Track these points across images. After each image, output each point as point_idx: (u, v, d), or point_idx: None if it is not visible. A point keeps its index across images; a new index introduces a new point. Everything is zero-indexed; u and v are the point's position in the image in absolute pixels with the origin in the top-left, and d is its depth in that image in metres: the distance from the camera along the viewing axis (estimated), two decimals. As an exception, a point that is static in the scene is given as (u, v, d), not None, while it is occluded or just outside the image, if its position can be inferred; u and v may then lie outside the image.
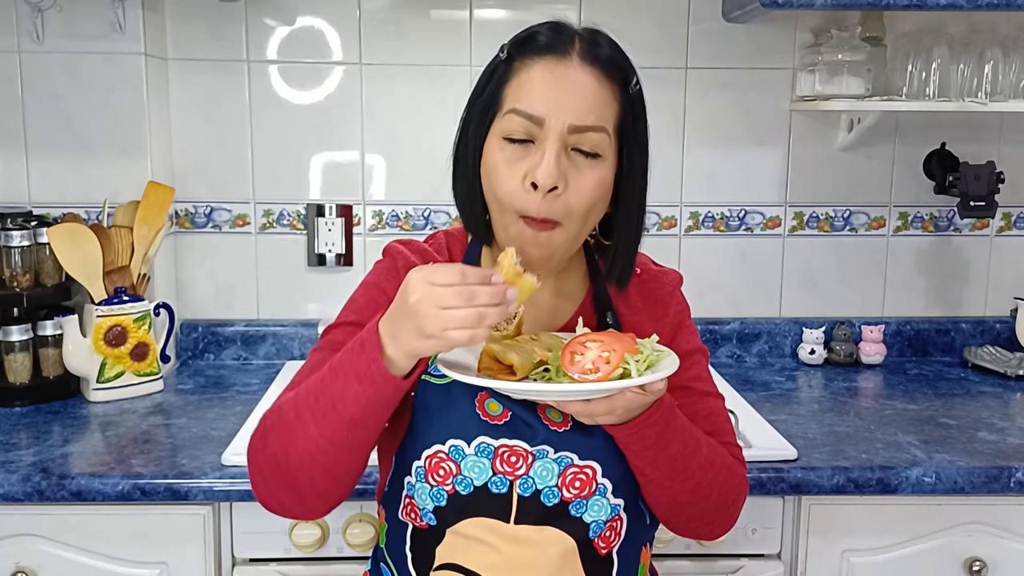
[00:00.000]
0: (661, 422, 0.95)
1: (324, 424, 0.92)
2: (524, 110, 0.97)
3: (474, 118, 1.02)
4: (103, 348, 1.73)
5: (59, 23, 1.82)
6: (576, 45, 0.98)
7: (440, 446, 1.00)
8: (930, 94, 1.89)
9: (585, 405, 0.91)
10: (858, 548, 1.48)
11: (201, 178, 2.00)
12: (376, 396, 0.90)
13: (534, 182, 0.96)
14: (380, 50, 1.99)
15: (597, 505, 1.00)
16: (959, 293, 2.14)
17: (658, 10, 1.99)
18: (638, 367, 0.91)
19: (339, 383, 0.91)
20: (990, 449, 1.51)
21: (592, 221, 1.03)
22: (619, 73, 1.00)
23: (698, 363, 1.12)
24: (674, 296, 1.13)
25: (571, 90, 0.97)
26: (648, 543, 1.11)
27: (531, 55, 0.99)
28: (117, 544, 1.42)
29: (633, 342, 0.94)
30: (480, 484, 0.99)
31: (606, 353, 0.91)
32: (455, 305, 0.84)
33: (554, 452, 1.00)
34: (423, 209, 2.04)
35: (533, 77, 0.98)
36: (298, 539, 1.41)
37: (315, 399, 0.93)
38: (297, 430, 0.94)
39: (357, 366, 0.90)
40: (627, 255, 1.07)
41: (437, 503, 1.00)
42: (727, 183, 2.07)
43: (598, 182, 0.99)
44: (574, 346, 0.93)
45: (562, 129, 0.96)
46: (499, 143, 0.99)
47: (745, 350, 2.10)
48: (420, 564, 1.03)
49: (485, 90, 1.02)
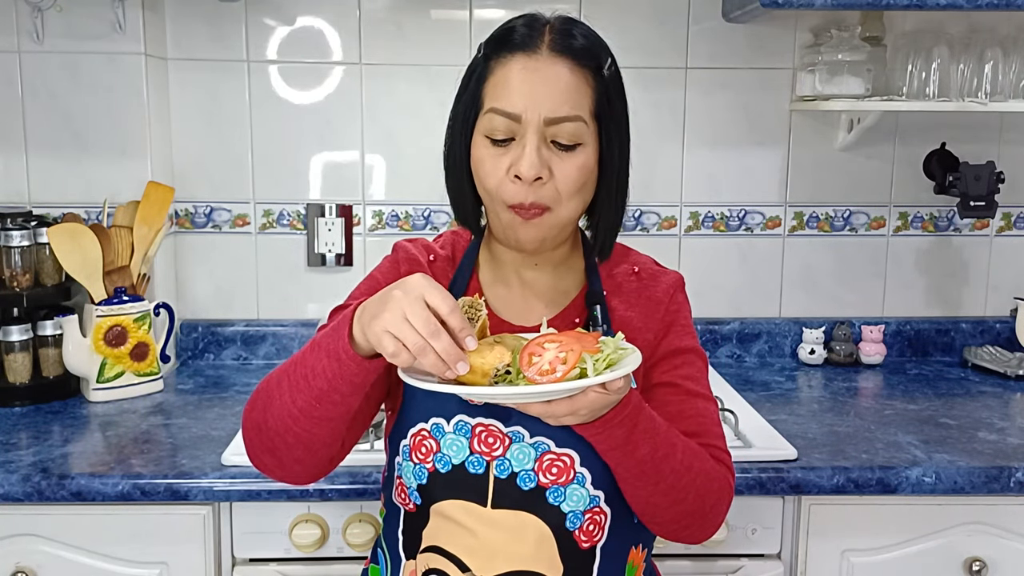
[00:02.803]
0: (628, 422, 0.95)
1: (296, 394, 0.95)
2: (501, 108, 1.00)
3: (459, 116, 1.06)
4: (103, 348, 1.73)
5: (59, 23, 1.82)
6: (546, 38, 1.01)
7: (423, 424, 1.03)
8: (930, 94, 1.89)
9: (547, 406, 0.91)
10: (858, 548, 1.48)
11: (201, 178, 2.00)
12: (340, 373, 0.92)
13: (518, 175, 1.00)
14: (380, 50, 1.99)
15: (576, 495, 1.01)
16: (959, 293, 2.14)
17: (658, 10, 1.99)
18: (596, 366, 0.89)
19: (313, 356, 0.95)
20: (990, 449, 1.51)
21: (580, 202, 1.05)
22: (590, 59, 1.02)
23: (691, 363, 1.11)
24: (668, 294, 1.13)
25: (543, 83, 0.99)
26: (640, 544, 1.10)
27: (505, 53, 1.02)
28: (117, 544, 1.42)
29: (595, 341, 0.92)
30: (458, 463, 1.01)
31: (563, 353, 0.89)
32: (416, 327, 0.86)
33: (530, 436, 1.01)
34: (423, 209, 2.04)
35: (508, 75, 1.01)
36: (298, 539, 1.41)
37: (294, 369, 0.97)
38: (275, 397, 0.98)
39: (328, 343, 0.94)
40: (608, 229, 1.10)
41: (419, 481, 1.03)
42: (727, 183, 2.07)
43: (581, 167, 1.02)
44: (532, 347, 0.92)
45: (538, 122, 0.99)
46: (483, 141, 1.03)
47: (745, 350, 2.10)
48: (409, 547, 1.06)
49: (467, 89, 1.06)
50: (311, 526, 1.41)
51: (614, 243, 1.12)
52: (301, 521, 1.41)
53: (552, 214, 1.03)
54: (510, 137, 1.01)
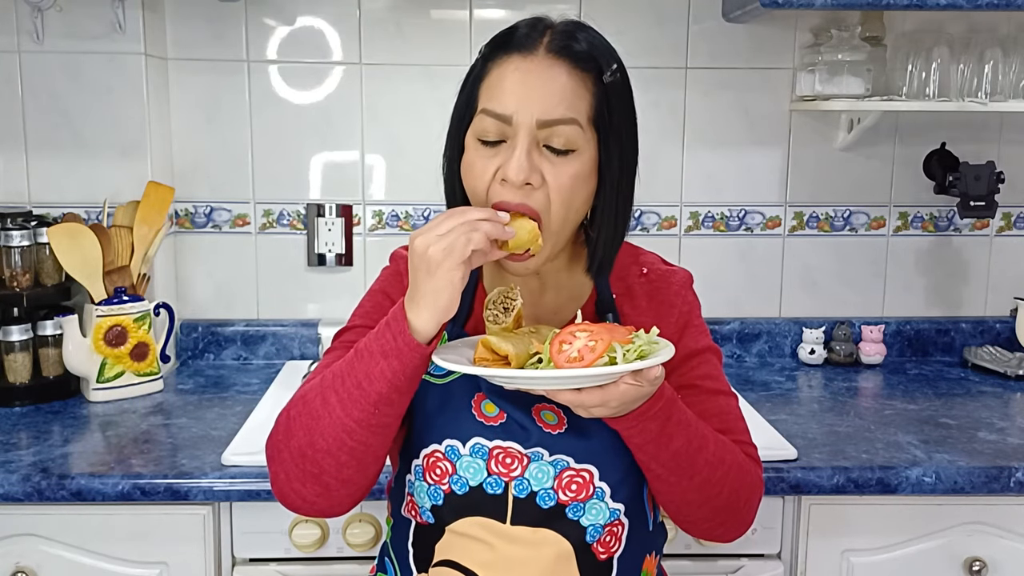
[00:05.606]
0: (662, 415, 0.93)
1: (350, 405, 0.92)
2: (492, 109, 0.97)
3: (454, 119, 1.03)
4: (103, 348, 1.73)
5: (59, 23, 1.82)
6: (545, 39, 0.97)
7: (437, 445, 1.00)
8: (930, 94, 1.89)
9: (577, 395, 0.89)
10: (858, 548, 1.48)
11: (201, 178, 2.00)
12: (401, 369, 0.90)
13: (505, 178, 0.96)
14: (380, 50, 1.99)
15: (595, 509, 1.00)
16: (959, 293, 2.14)
17: (658, 10, 1.99)
18: (626, 356, 0.88)
19: (364, 363, 0.92)
20: (990, 449, 1.51)
21: (574, 214, 1.01)
22: (591, 63, 0.97)
23: (707, 361, 1.10)
24: (680, 296, 1.11)
25: (537, 84, 0.96)
26: (654, 552, 1.09)
27: (502, 54, 0.98)
28: (117, 544, 1.42)
29: (628, 333, 0.92)
30: (475, 484, 0.99)
31: (593, 342, 0.89)
32: (451, 225, 0.88)
33: (549, 455, 0.99)
34: (423, 209, 2.04)
35: (503, 76, 0.97)
36: (298, 539, 1.41)
37: (341, 381, 0.93)
38: (323, 414, 0.94)
39: (382, 343, 0.91)
40: (607, 247, 1.05)
41: (434, 502, 1.01)
42: (727, 183, 2.07)
43: (574, 175, 0.97)
44: (564, 335, 0.91)
45: (530, 124, 0.95)
46: (474, 143, 0.99)
47: (745, 350, 2.10)
48: (420, 560, 1.04)
49: (463, 90, 1.03)
50: (311, 526, 1.41)
51: (614, 259, 1.07)
52: (301, 521, 1.41)
53: (541, 224, 0.98)
54: (501, 139, 0.97)
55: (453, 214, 0.90)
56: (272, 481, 0.99)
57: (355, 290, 2.00)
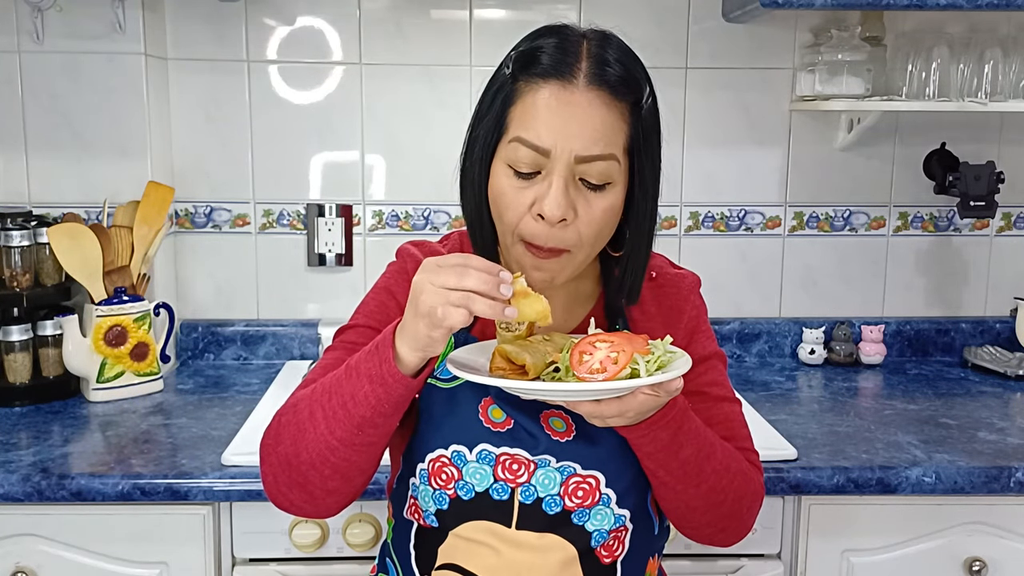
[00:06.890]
0: (674, 424, 0.93)
1: (334, 423, 0.92)
2: (530, 140, 0.94)
3: (480, 138, 0.99)
4: (103, 348, 1.73)
5: (59, 23, 1.82)
6: (583, 64, 0.94)
7: (443, 450, 1.00)
8: (930, 94, 1.89)
9: (595, 406, 0.89)
10: (858, 548, 1.48)
11: (201, 178, 2.00)
12: (386, 396, 0.90)
13: (541, 214, 0.94)
14: (380, 50, 1.99)
15: (600, 515, 1.00)
16: (959, 293, 2.14)
17: (658, 10, 1.99)
18: (648, 368, 0.89)
19: (351, 383, 0.92)
20: (990, 449, 1.51)
21: (600, 244, 1.01)
22: (629, 93, 0.95)
23: (714, 368, 1.10)
24: (689, 300, 1.11)
25: (577, 118, 0.93)
26: (656, 554, 1.09)
27: (536, 78, 0.95)
28: (117, 544, 1.42)
29: (645, 343, 0.92)
30: (482, 490, 0.99)
31: (615, 353, 0.89)
32: (448, 284, 0.84)
33: (556, 461, 0.99)
34: (423, 209, 2.04)
35: (538, 104, 0.94)
36: (298, 539, 1.41)
37: (328, 398, 0.93)
38: (309, 428, 0.94)
39: (369, 367, 0.91)
40: (636, 272, 1.04)
41: (439, 506, 1.00)
42: (727, 183, 2.07)
43: (607, 209, 0.97)
44: (583, 346, 0.91)
45: (569, 159, 0.93)
46: (505, 170, 0.96)
47: (745, 350, 2.10)
48: (423, 562, 1.03)
49: (491, 108, 0.98)
50: (311, 526, 1.41)
51: (640, 288, 1.06)
52: (301, 521, 1.41)
53: (569, 256, 0.97)
54: (536, 171, 0.94)
55: (457, 269, 0.85)
56: (263, 480, 1.01)
57: (355, 290, 2.00)
